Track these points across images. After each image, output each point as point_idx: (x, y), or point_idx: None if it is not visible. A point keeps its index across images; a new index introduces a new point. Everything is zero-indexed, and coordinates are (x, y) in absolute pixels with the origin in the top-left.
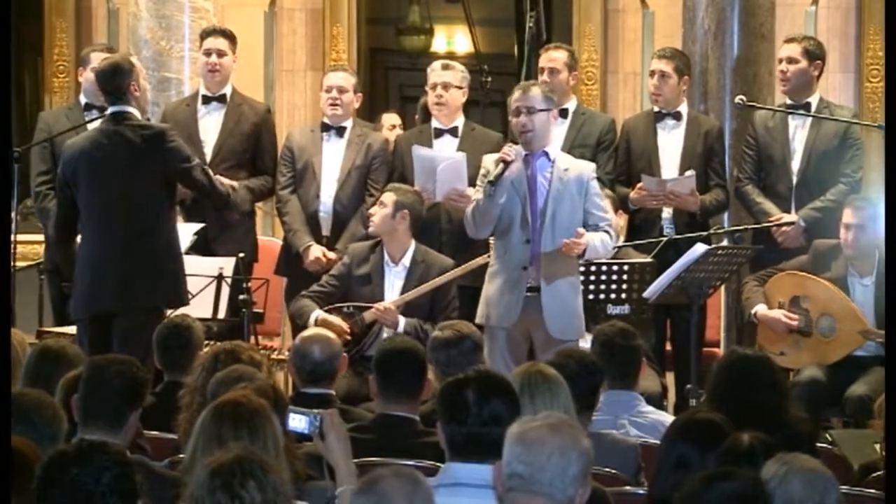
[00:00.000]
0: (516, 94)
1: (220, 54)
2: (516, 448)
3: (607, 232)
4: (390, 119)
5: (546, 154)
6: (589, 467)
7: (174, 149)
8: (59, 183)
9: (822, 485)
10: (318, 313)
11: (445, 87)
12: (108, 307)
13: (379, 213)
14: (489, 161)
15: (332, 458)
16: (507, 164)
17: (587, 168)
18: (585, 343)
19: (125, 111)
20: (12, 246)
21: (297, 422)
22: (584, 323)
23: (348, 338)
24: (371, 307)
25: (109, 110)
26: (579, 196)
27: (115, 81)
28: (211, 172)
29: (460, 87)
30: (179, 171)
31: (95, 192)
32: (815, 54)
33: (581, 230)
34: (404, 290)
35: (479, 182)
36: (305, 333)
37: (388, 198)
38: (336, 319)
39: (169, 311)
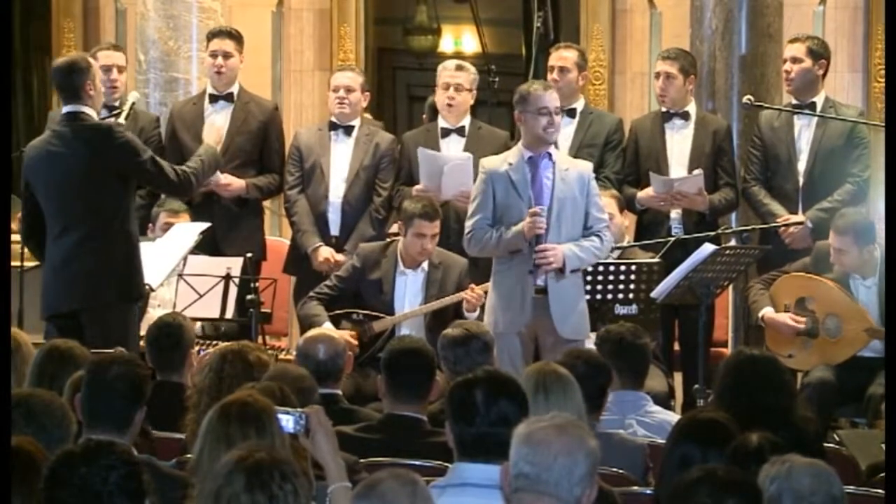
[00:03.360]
0: (554, 94)
1: (227, 56)
2: (523, 449)
3: (598, 236)
4: None
5: (549, 154)
6: (596, 467)
7: (122, 144)
8: (22, 187)
9: (827, 477)
10: (327, 325)
11: (457, 88)
12: (71, 306)
13: (434, 245)
14: (490, 164)
15: (321, 456)
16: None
17: (586, 167)
18: (590, 342)
19: (80, 111)
20: (21, 246)
21: (284, 421)
22: (588, 322)
23: (357, 349)
24: (380, 316)
25: (63, 110)
26: (581, 196)
27: (71, 80)
28: (164, 164)
29: (470, 90)
30: (131, 167)
31: (52, 193)
32: (820, 53)
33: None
34: (427, 293)
35: (475, 191)
36: (309, 334)
37: (438, 225)
38: (344, 333)
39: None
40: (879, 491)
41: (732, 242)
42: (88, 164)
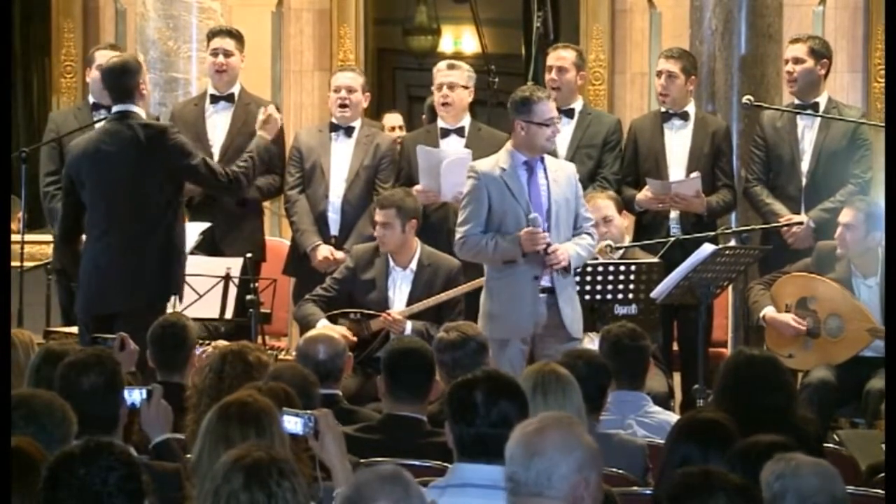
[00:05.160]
0: (552, 105)
1: (227, 54)
2: (512, 451)
3: (590, 234)
4: (392, 120)
5: (541, 158)
6: (588, 459)
7: (176, 146)
8: (64, 182)
9: (831, 478)
10: (323, 322)
11: (451, 87)
12: (113, 308)
13: (390, 236)
14: (481, 168)
15: (328, 459)
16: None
17: (570, 167)
18: (592, 343)
19: (130, 110)
20: (20, 246)
21: (292, 423)
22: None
23: (354, 342)
24: (378, 315)
25: (114, 109)
26: (572, 197)
27: (124, 80)
28: (215, 165)
29: (466, 87)
30: (183, 168)
31: (100, 191)
32: (821, 53)
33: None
34: (412, 294)
35: (466, 195)
36: (309, 334)
37: (389, 214)
38: (341, 329)
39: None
40: (879, 491)
41: (732, 242)
42: (140, 164)
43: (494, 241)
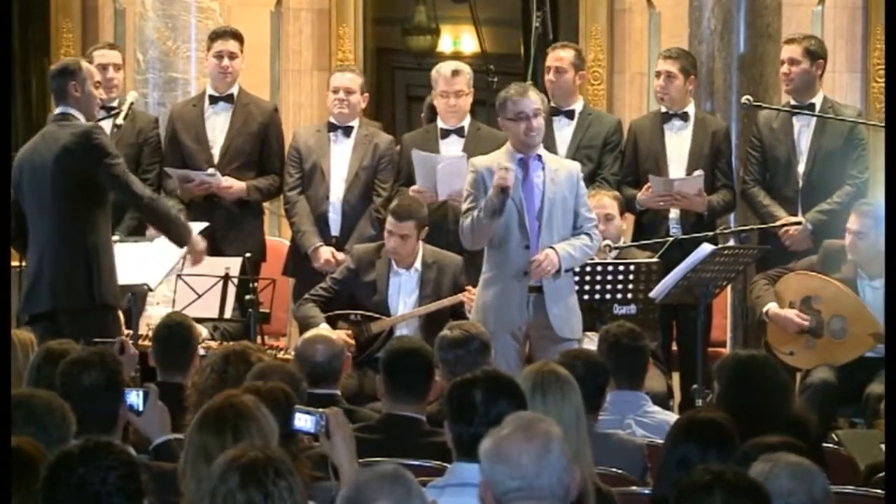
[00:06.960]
0: (532, 96)
1: (232, 56)
2: (499, 466)
3: (588, 234)
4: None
5: (538, 156)
6: (565, 449)
7: (95, 146)
8: (12, 189)
9: (809, 476)
10: (324, 326)
11: (457, 94)
12: (43, 307)
13: (408, 247)
14: (480, 163)
15: (337, 458)
16: (505, 190)
17: (574, 166)
18: (591, 343)
19: (67, 112)
20: None
21: (303, 421)
22: (581, 322)
23: (354, 347)
24: (378, 317)
25: (55, 111)
26: (571, 196)
27: (57, 81)
28: (135, 179)
29: (469, 92)
30: (98, 170)
31: (33, 194)
32: (817, 53)
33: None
34: (422, 294)
35: (467, 188)
36: (307, 335)
37: (408, 226)
38: (341, 333)
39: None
40: (878, 491)
41: (731, 242)
42: (65, 165)
43: (478, 209)
